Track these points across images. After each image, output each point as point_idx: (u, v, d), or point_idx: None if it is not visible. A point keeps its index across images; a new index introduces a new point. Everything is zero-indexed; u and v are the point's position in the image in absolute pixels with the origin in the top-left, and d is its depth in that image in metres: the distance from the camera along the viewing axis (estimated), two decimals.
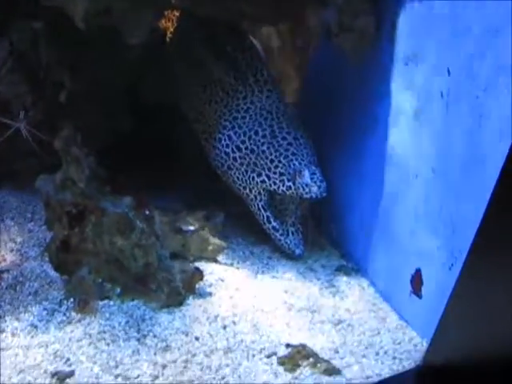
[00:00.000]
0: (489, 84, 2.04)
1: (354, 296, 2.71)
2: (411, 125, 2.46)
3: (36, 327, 2.36)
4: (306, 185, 2.77)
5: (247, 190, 2.98)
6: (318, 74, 3.08)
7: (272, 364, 2.26)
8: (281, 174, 2.84)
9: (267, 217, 2.97)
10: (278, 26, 2.85)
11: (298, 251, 2.97)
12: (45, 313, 2.43)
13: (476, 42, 2.09)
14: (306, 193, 2.77)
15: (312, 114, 3.15)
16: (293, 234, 2.99)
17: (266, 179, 2.89)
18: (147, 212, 2.49)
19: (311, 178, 2.76)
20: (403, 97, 2.53)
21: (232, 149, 2.98)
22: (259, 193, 2.95)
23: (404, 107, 2.52)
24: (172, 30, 3.24)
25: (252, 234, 3.14)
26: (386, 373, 2.26)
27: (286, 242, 2.96)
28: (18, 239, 2.87)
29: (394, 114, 2.59)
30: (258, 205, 2.98)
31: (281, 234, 2.96)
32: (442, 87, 2.27)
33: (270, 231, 2.99)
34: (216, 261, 2.84)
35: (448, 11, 2.25)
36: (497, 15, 2.02)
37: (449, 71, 2.23)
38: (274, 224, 2.97)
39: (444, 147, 2.28)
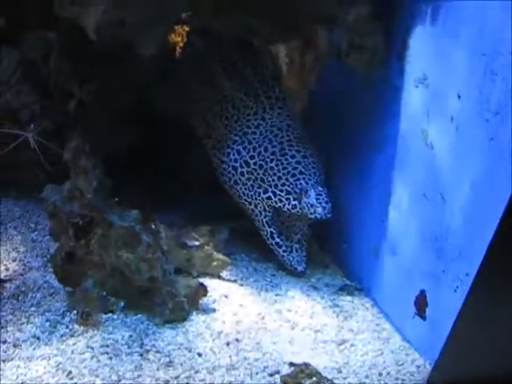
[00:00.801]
0: (500, 108, 2.05)
1: (357, 316, 2.70)
2: (421, 146, 2.46)
3: (38, 339, 2.35)
4: (312, 205, 2.78)
5: (252, 206, 2.99)
6: (327, 92, 3.08)
7: (275, 382, 2.24)
8: (287, 193, 2.85)
9: (271, 232, 2.98)
10: (287, 44, 2.86)
11: (300, 268, 2.97)
12: (47, 324, 2.42)
13: (487, 66, 2.10)
14: (311, 213, 2.78)
15: (320, 132, 3.15)
16: (297, 250, 2.99)
17: (272, 196, 2.90)
18: (153, 226, 2.50)
19: (317, 199, 2.77)
20: (413, 118, 2.53)
21: (240, 163, 2.98)
22: (264, 209, 2.96)
23: (414, 128, 2.52)
24: (182, 45, 3.25)
25: (255, 250, 3.14)
26: None
27: (289, 259, 2.97)
28: (21, 249, 2.88)
29: (404, 134, 2.59)
30: (262, 220, 2.98)
31: (284, 251, 2.98)
32: (451, 110, 2.27)
33: (273, 247, 3.00)
34: (220, 277, 2.84)
35: (459, 34, 2.25)
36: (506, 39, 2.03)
37: (459, 95, 2.23)
38: (278, 240, 2.98)
39: (453, 170, 2.28)
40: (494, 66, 2.08)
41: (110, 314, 2.48)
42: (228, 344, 2.41)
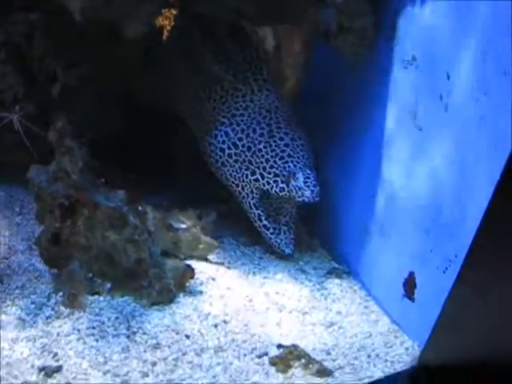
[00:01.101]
0: (489, 88, 2.05)
1: (345, 299, 2.71)
2: (409, 127, 2.47)
3: (23, 321, 2.32)
4: (299, 188, 2.76)
5: (239, 188, 2.97)
6: (315, 75, 3.09)
7: (264, 364, 2.25)
8: (275, 175, 2.84)
9: (258, 215, 2.97)
10: (274, 26, 2.85)
11: (287, 250, 2.98)
12: (33, 306, 2.40)
13: (477, 47, 2.10)
14: (299, 196, 2.77)
15: (308, 114, 3.13)
16: (284, 232, 2.99)
17: (260, 178, 2.88)
18: (140, 207, 2.49)
19: (305, 182, 2.75)
20: (401, 100, 2.54)
21: (228, 145, 2.97)
22: (251, 191, 2.94)
23: (402, 110, 2.52)
24: (169, 28, 3.24)
25: (243, 234, 3.13)
26: (378, 375, 2.25)
27: (276, 241, 2.97)
28: (6, 233, 2.84)
29: (392, 116, 2.60)
30: (249, 202, 2.97)
31: (271, 233, 2.97)
32: (441, 91, 2.28)
33: (260, 229, 2.99)
34: (207, 260, 2.83)
35: (449, 14, 2.26)
36: (496, 21, 2.04)
37: (448, 75, 2.24)
38: (265, 222, 2.97)
39: (442, 150, 2.29)
40: (483, 46, 2.08)
41: (96, 296, 2.46)
42: (216, 326, 2.41)
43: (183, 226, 2.73)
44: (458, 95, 2.22)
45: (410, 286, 2.46)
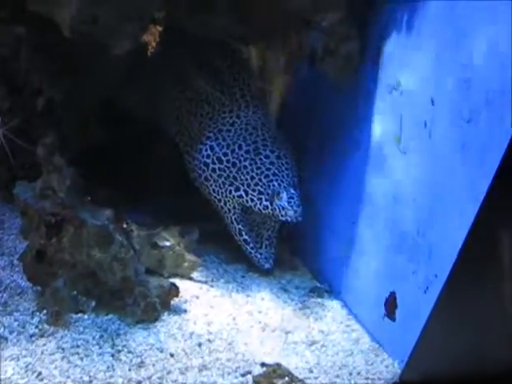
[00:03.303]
0: (472, 115, 2.11)
1: (327, 317, 2.75)
2: (393, 151, 2.52)
3: (6, 339, 2.32)
4: (283, 208, 2.81)
5: (222, 203, 3.01)
6: (300, 96, 3.13)
7: (247, 383, 2.27)
8: (259, 193, 2.88)
9: (239, 229, 3.02)
10: (260, 45, 2.90)
11: (267, 265, 3.02)
12: (16, 324, 2.40)
13: (461, 73, 2.16)
14: (282, 215, 2.82)
15: (293, 134, 3.17)
16: (266, 247, 3.05)
17: (244, 195, 2.92)
18: (126, 225, 2.53)
19: (288, 202, 2.80)
20: (386, 123, 2.59)
21: (212, 159, 3.00)
22: (234, 206, 2.99)
23: (386, 134, 2.58)
24: (154, 44, 3.26)
25: (225, 251, 3.18)
26: None
27: (256, 256, 3.02)
28: None
29: (376, 139, 2.65)
30: (231, 217, 3.02)
31: (251, 247, 3.01)
32: (425, 117, 2.33)
33: (241, 243, 3.04)
34: (190, 278, 2.86)
35: (433, 41, 2.32)
36: (480, 49, 2.10)
37: (432, 101, 2.30)
38: (246, 237, 3.02)
39: (425, 174, 2.35)
40: (466, 75, 2.15)
41: (80, 314, 2.48)
42: (200, 345, 2.43)
43: (167, 243, 2.77)
44: (442, 122, 2.27)
45: (391, 305, 2.50)
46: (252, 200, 2.90)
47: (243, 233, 3.01)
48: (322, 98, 3.08)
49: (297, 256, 3.23)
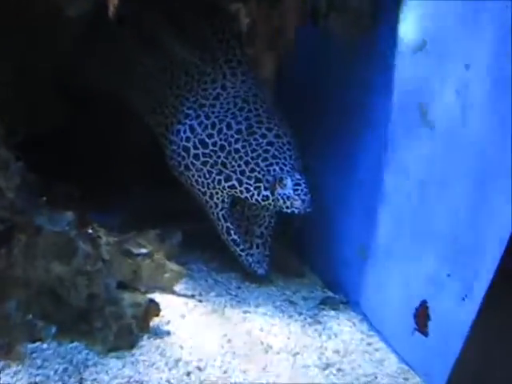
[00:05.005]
0: None
1: (343, 334, 2.77)
2: (417, 129, 2.52)
3: None
4: (288, 197, 2.79)
5: (207, 196, 3.00)
6: (300, 62, 3.12)
7: None
8: (257, 180, 2.86)
9: (227, 228, 3.02)
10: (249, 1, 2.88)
11: (260, 270, 3.03)
12: None
13: (504, 26, 2.14)
14: (287, 206, 2.80)
15: (292, 108, 3.14)
16: (258, 247, 3.05)
17: (237, 184, 2.90)
18: (91, 231, 2.51)
19: (294, 189, 2.78)
20: (409, 93, 2.58)
21: (194, 143, 2.97)
22: (222, 200, 2.98)
23: (408, 107, 2.57)
24: (117, 3, 3.24)
25: (215, 257, 3.19)
26: None
27: (247, 259, 3.02)
28: None
29: (397, 112, 2.65)
30: (218, 213, 3.01)
31: (241, 249, 3.02)
32: (457, 84, 2.32)
33: (228, 244, 3.03)
34: (173, 292, 2.85)
35: None
36: None
37: (467, 64, 2.28)
38: (235, 237, 3.02)
39: (460, 156, 2.34)
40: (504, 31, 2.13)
41: (38, 343, 2.45)
42: (188, 374, 2.43)
43: (143, 250, 2.75)
44: (479, 89, 2.26)
45: (422, 317, 2.51)
46: (248, 190, 2.88)
47: (232, 232, 3.01)
48: (327, 65, 3.08)
49: (304, 260, 3.25)
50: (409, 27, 2.59)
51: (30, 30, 2.91)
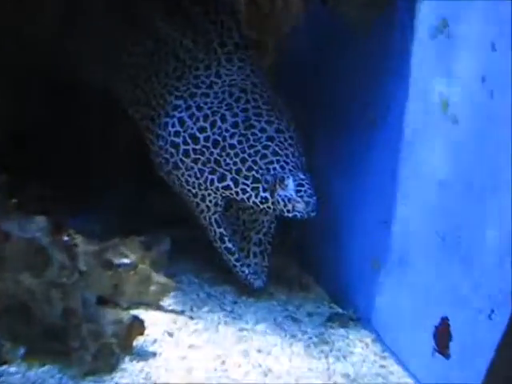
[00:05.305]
0: None
1: (354, 356, 2.73)
2: (437, 119, 2.47)
3: None
4: (289, 199, 2.73)
5: (198, 198, 2.93)
6: (305, 47, 3.09)
7: None
8: (255, 180, 2.81)
9: (221, 234, 2.96)
10: None
11: (257, 283, 2.99)
12: None
13: None
14: (288, 210, 2.74)
15: (296, 98, 3.12)
16: (255, 256, 3.01)
17: (232, 185, 2.84)
18: (67, 238, 2.42)
19: (297, 191, 2.72)
20: (427, 81, 2.54)
21: (184, 138, 2.92)
22: (215, 203, 2.92)
23: (428, 95, 2.53)
24: None
25: (207, 268, 3.16)
26: None
27: (243, 270, 2.97)
28: None
29: (413, 103, 2.61)
30: (210, 218, 2.96)
31: (236, 259, 2.97)
32: (484, 69, 2.25)
33: (221, 251, 2.98)
34: (160, 307, 2.80)
35: None
36: None
37: (494, 46, 2.21)
38: (229, 245, 2.97)
39: (487, 152, 2.27)
40: None
41: (4, 366, 2.37)
42: None
43: (126, 261, 2.71)
44: (507, 75, 2.18)
45: (442, 337, 2.45)
46: (244, 191, 2.82)
47: (226, 239, 2.96)
48: (336, 51, 3.05)
49: (308, 272, 3.23)
50: (428, 6, 2.54)
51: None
